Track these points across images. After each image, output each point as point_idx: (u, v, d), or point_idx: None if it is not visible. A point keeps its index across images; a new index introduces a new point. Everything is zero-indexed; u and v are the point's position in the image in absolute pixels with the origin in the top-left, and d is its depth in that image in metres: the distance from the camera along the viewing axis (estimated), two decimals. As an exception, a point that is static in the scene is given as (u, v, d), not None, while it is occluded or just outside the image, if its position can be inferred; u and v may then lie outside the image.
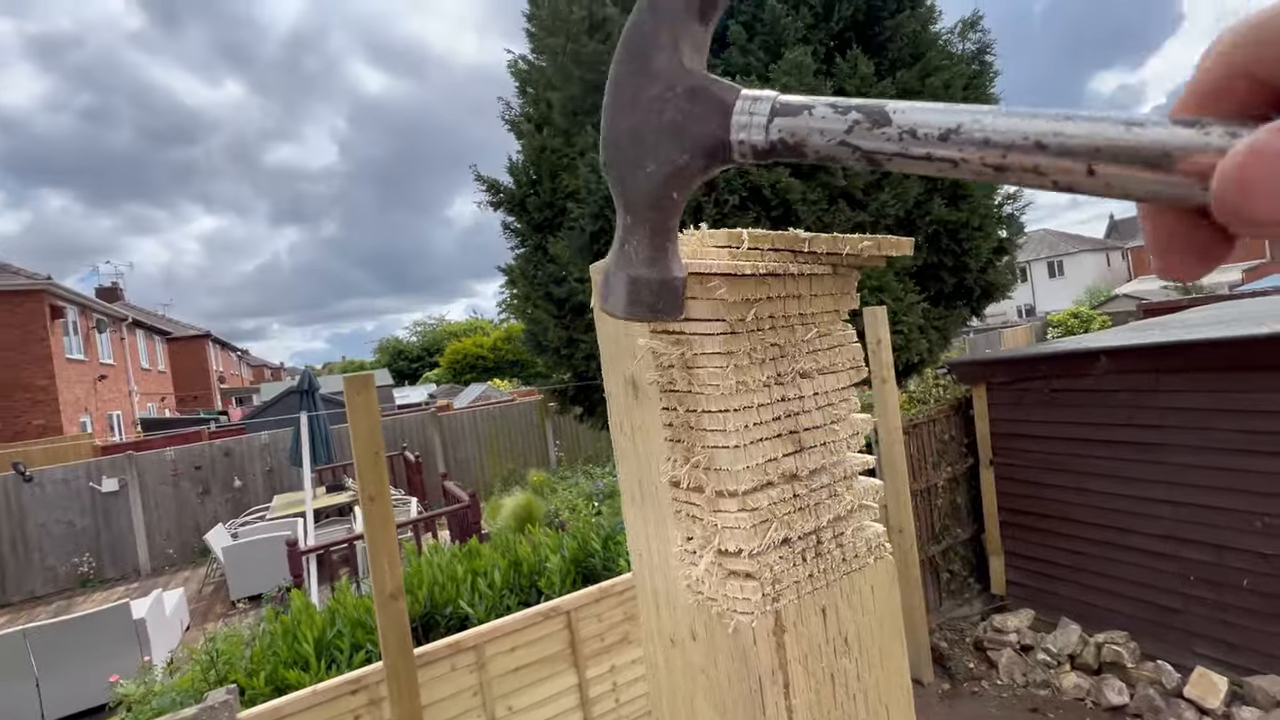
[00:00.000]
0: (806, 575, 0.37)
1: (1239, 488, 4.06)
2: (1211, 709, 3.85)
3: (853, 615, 0.39)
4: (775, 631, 0.35)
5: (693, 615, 0.39)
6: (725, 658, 0.36)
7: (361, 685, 3.23)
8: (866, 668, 0.39)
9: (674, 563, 0.39)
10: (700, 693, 0.38)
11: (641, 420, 0.40)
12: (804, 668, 0.36)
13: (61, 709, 5.48)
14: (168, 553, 10.44)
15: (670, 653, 0.41)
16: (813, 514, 0.38)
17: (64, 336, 17.64)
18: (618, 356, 0.42)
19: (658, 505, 0.40)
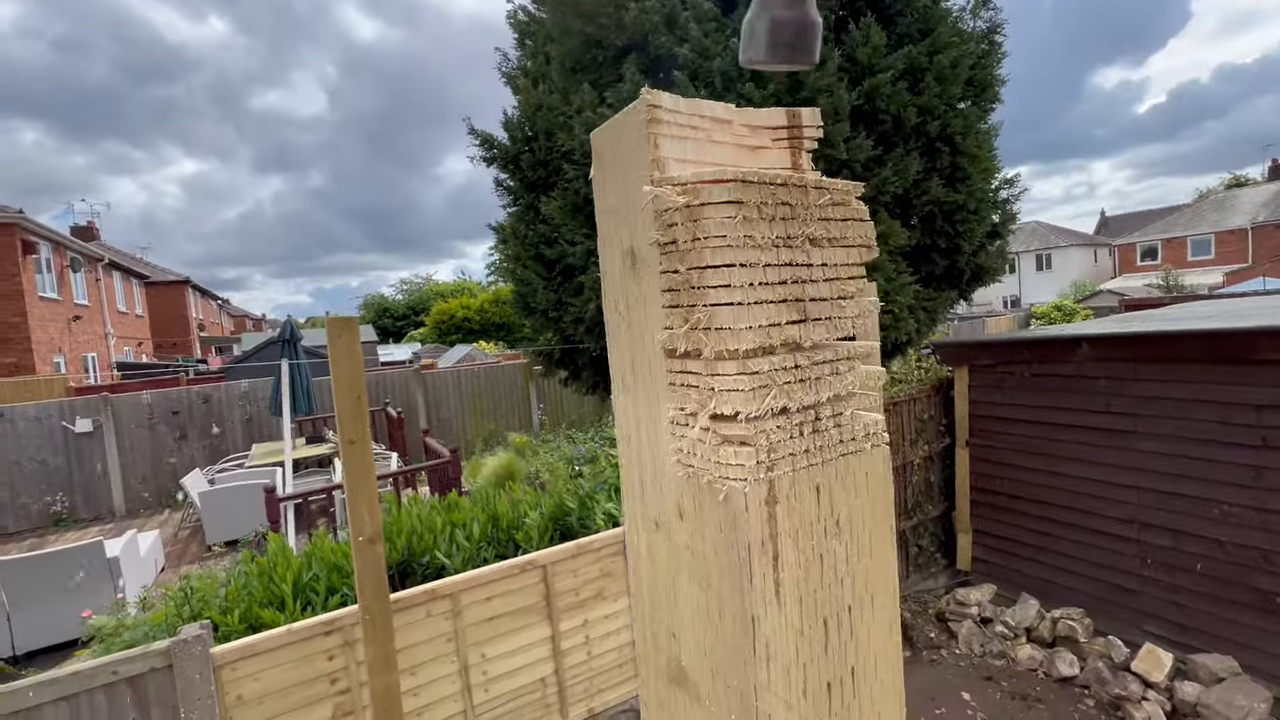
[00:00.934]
0: (802, 450, 0.36)
1: (1203, 476, 4.19)
2: (1156, 682, 4.04)
3: (846, 498, 0.38)
4: (768, 501, 0.34)
5: (680, 491, 0.38)
6: (713, 529, 0.35)
7: (336, 626, 3.26)
8: (856, 553, 0.38)
9: (664, 439, 0.38)
10: (684, 571, 0.38)
11: (639, 292, 0.39)
12: (794, 543, 0.35)
13: (34, 642, 5.48)
14: (143, 496, 10.37)
15: (654, 537, 0.40)
16: (813, 388, 0.37)
17: (36, 274, 17.12)
18: (616, 227, 0.40)
19: (650, 381, 0.38)
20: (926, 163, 6.02)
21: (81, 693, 2.77)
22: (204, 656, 2.94)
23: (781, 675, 0.34)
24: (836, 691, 0.37)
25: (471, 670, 3.67)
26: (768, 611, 0.34)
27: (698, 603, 0.37)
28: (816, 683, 0.36)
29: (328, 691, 3.25)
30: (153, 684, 2.89)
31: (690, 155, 0.37)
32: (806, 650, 0.36)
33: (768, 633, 0.34)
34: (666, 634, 0.40)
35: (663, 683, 0.41)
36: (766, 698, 0.34)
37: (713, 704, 0.36)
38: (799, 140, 0.42)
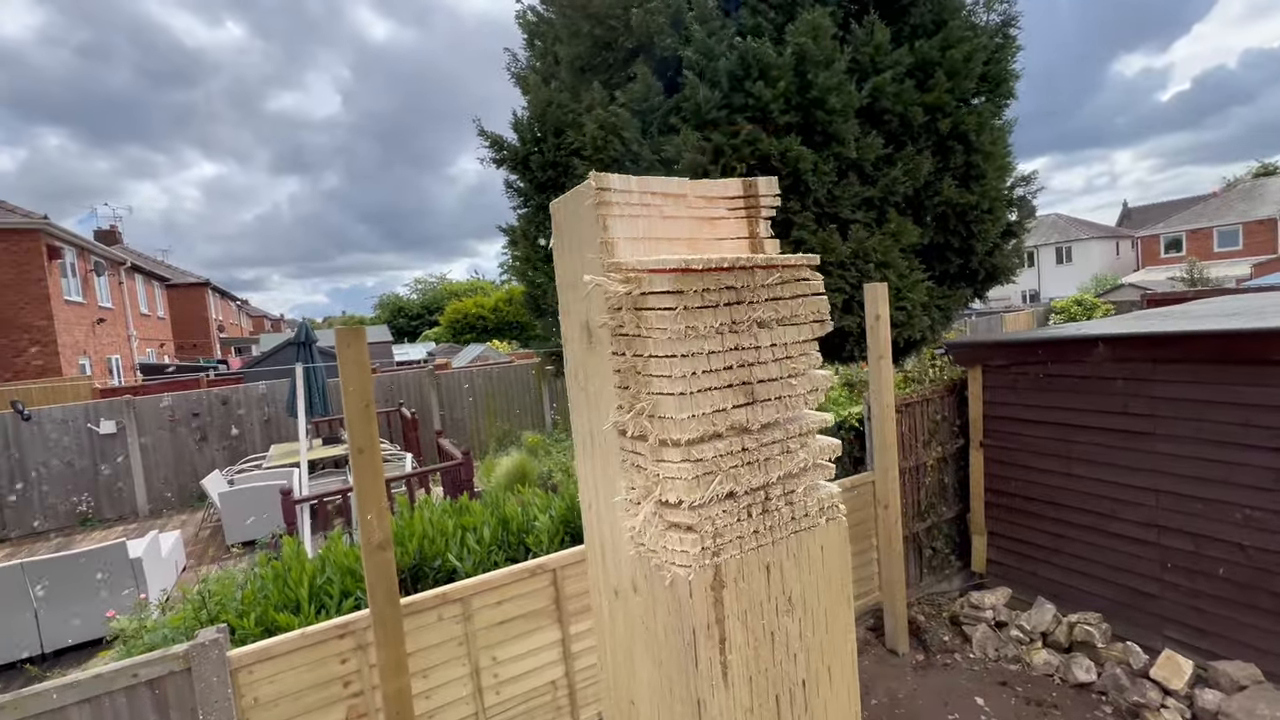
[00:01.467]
0: (751, 531, 0.37)
1: (1224, 479, 4.09)
2: (1175, 690, 3.96)
3: (799, 574, 0.38)
4: (714, 586, 0.34)
5: (634, 566, 0.38)
6: (663, 610, 0.36)
7: (349, 630, 3.31)
8: (810, 628, 0.39)
9: (619, 513, 0.38)
10: (640, 644, 0.38)
11: (595, 367, 0.39)
12: (743, 624, 0.36)
13: (60, 641, 5.63)
14: (166, 496, 10.59)
15: (614, 604, 0.41)
16: (762, 469, 0.37)
17: (61, 278, 17.53)
18: (574, 301, 0.41)
19: (605, 454, 0.39)
20: (939, 162, 5.93)
21: (104, 695, 2.84)
22: (221, 660, 3.00)
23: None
24: (791, 766, 0.37)
25: (483, 673, 3.71)
26: (714, 695, 0.34)
27: (652, 678, 0.37)
28: (769, 759, 0.36)
29: (341, 694, 3.30)
30: (172, 686, 2.96)
31: (642, 233, 0.37)
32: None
33: (714, 715, 0.34)
34: (627, 700, 0.41)
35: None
36: (715, 778, 0.34)
37: (667, 778, 0.36)
38: (755, 209, 0.41)
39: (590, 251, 0.35)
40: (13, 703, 2.70)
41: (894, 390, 4.98)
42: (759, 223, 0.40)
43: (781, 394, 0.37)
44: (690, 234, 0.38)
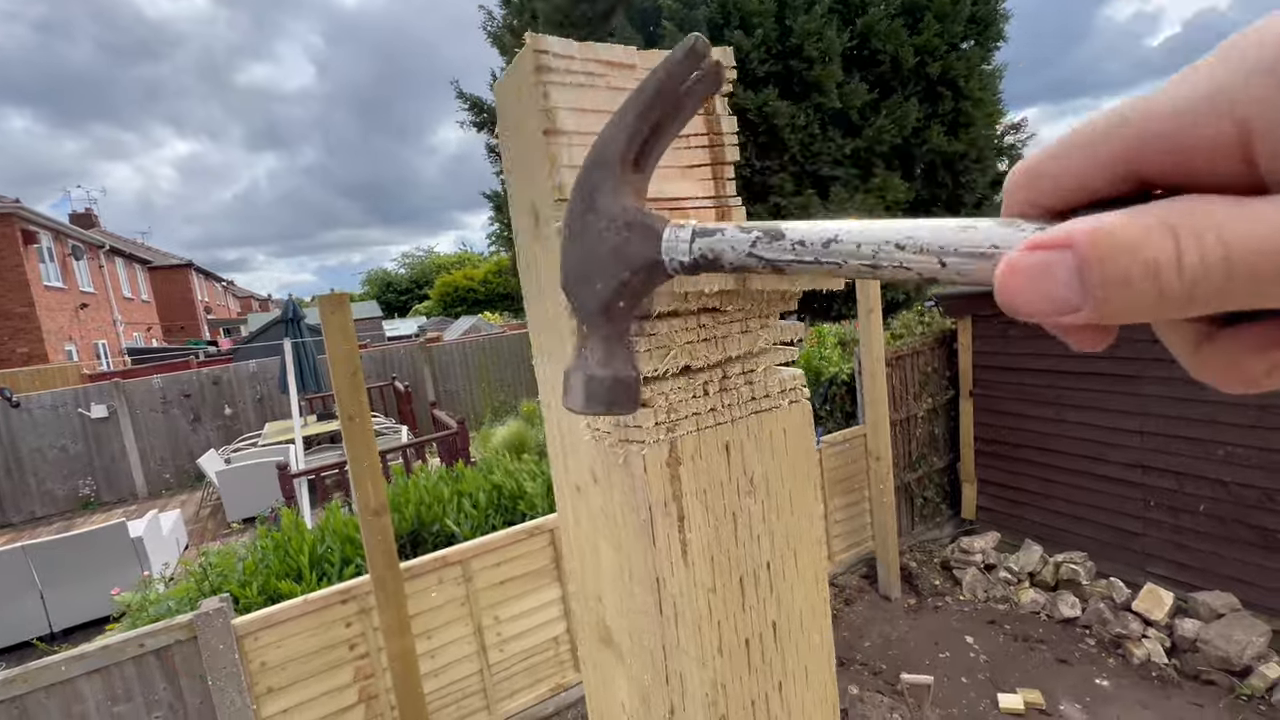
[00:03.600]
0: (708, 409, 0.36)
1: (1208, 419, 4.17)
2: (1156, 620, 4.11)
3: (760, 456, 0.37)
4: (669, 463, 0.34)
5: (592, 456, 0.37)
6: (620, 493, 0.35)
7: (351, 595, 3.37)
8: (774, 511, 0.38)
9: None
10: (601, 535, 0.37)
11: (544, 254, 0.37)
12: (702, 503, 0.35)
13: (68, 620, 5.71)
14: (164, 477, 10.62)
15: (576, 501, 0.40)
16: (719, 346, 0.36)
17: (39, 263, 17.17)
18: (520, 186, 0.39)
19: (559, 345, 0.38)
20: (927, 109, 5.84)
21: (112, 665, 2.89)
22: (226, 628, 3.05)
23: (693, 634, 0.34)
24: (756, 647, 0.37)
25: (486, 632, 3.79)
26: (674, 571, 0.34)
27: (613, 566, 0.36)
28: (733, 639, 0.36)
29: (347, 656, 3.37)
30: (179, 655, 3.01)
31: (587, 104, 0.35)
32: (720, 608, 0.36)
33: (674, 592, 0.34)
34: (594, 596, 0.41)
35: (595, 643, 0.42)
36: (678, 656, 0.34)
37: (633, 663, 0.36)
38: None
39: (530, 124, 0.33)
40: (22, 676, 2.75)
41: (884, 344, 5.00)
42: (714, 99, 0.38)
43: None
44: (640, 108, 0.37)
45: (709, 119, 0.40)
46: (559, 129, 0.34)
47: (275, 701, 3.21)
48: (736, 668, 0.35)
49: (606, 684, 0.41)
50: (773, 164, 5.10)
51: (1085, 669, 4.04)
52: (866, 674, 4.21)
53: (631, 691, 0.37)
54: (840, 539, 5.28)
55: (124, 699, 2.93)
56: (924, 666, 4.20)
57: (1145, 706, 3.69)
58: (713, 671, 0.34)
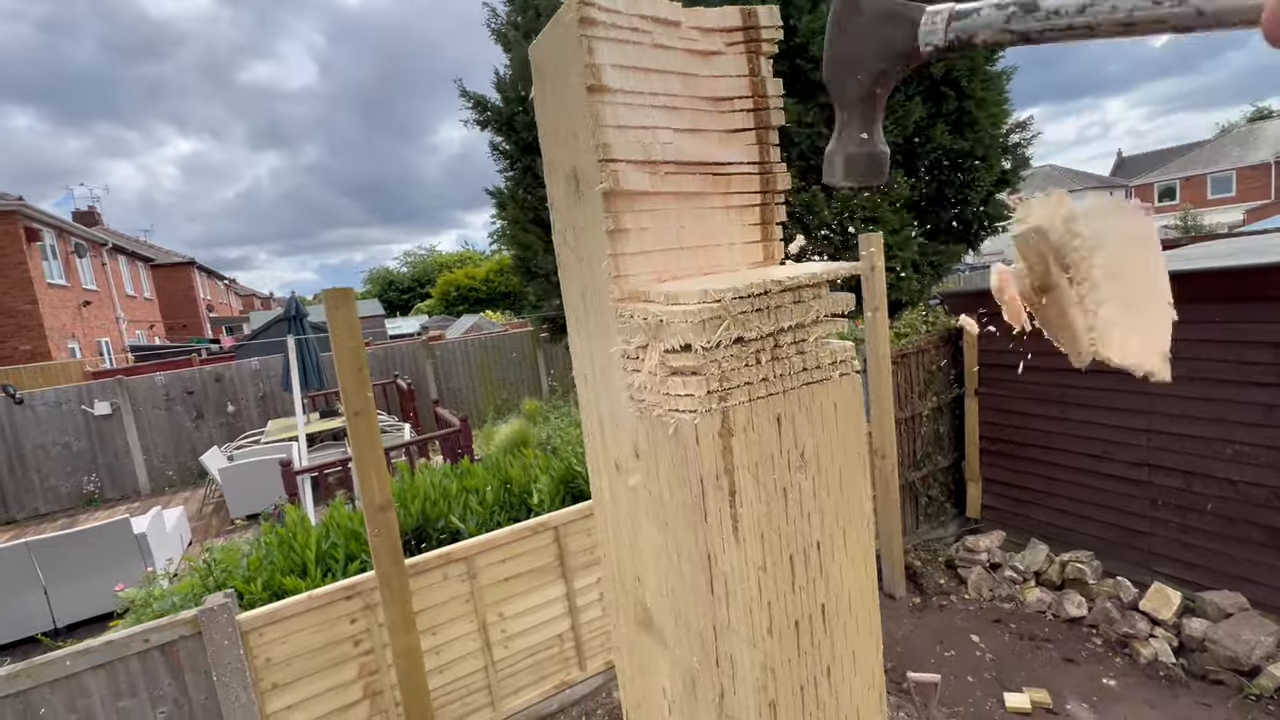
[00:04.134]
0: (760, 378, 0.34)
1: (1216, 417, 4.14)
2: (1164, 620, 4.09)
3: (811, 429, 0.36)
4: (722, 434, 0.32)
5: (634, 430, 0.36)
6: (666, 467, 0.33)
7: (356, 591, 3.36)
8: (824, 488, 0.37)
9: (616, 375, 0.36)
10: (643, 512, 0.36)
11: (585, 217, 0.36)
12: (754, 477, 0.34)
13: (72, 616, 5.71)
14: (167, 474, 10.62)
15: (615, 480, 0.39)
16: (772, 316, 0.34)
17: (42, 260, 17.19)
18: (559, 150, 0.37)
19: (602, 315, 0.36)
20: (931, 108, 5.81)
21: (116, 660, 2.89)
22: (230, 623, 3.04)
23: (743, 614, 0.33)
24: (805, 629, 0.35)
25: (490, 628, 3.78)
26: (725, 548, 0.32)
27: (657, 544, 0.35)
28: (783, 620, 0.35)
29: (352, 652, 3.36)
30: (184, 650, 3.00)
31: (631, 61, 0.33)
32: (771, 588, 0.34)
33: (725, 570, 0.32)
34: (632, 578, 0.39)
35: (632, 627, 0.40)
36: (728, 638, 0.32)
37: (677, 647, 0.35)
38: (756, 44, 0.38)
39: (574, 82, 0.32)
40: (26, 670, 2.74)
41: (889, 342, 4.98)
42: (759, 59, 0.37)
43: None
44: (683, 68, 0.35)
45: (754, 80, 0.39)
46: (604, 85, 0.32)
47: (280, 697, 3.20)
48: (786, 650, 0.34)
49: (645, 670, 0.39)
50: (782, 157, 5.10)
51: (1092, 668, 4.02)
52: (872, 673, 4.20)
53: (674, 675, 0.36)
54: (845, 537, 5.26)
55: (129, 694, 2.92)
56: (929, 665, 4.18)
57: (1153, 706, 3.67)
58: (763, 654, 0.33)
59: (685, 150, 0.35)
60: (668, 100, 0.34)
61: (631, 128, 0.33)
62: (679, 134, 0.35)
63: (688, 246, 0.37)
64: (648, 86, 0.33)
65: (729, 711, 0.33)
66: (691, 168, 0.36)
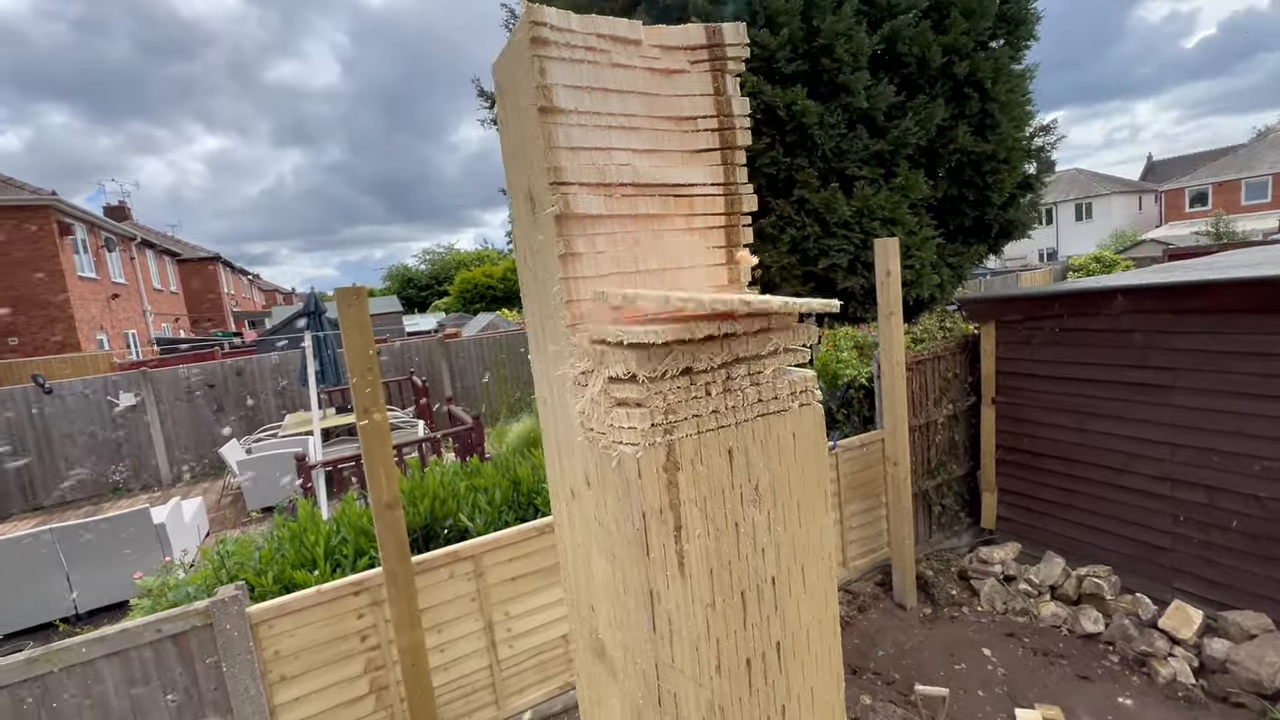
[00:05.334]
0: (710, 410, 0.33)
1: (1243, 431, 4.02)
2: (1184, 639, 3.97)
3: (766, 462, 0.35)
4: (666, 467, 0.31)
5: (586, 458, 0.35)
6: (613, 499, 0.33)
7: (364, 587, 3.39)
8: (781, 521, 0.35)
9: (569, 400, 0.35)
10: (594, 542, 0.35)
11: (541, 242, 0.35)
12: (702, 511, 0.33)
13: (93, 602, 5.85)
14: (188, 465, 10.84)
15: (570, 506, 0.38)
16: (724, 346, 0.33)
17: (74, 254, 17.65)
18: (517, 170, 0.37)
19: (555, 337, 0.35)
20: (953, 109, 5.71)
21: (130, 648, 2.95)
22: (240, 615, 3.09)
23: (689, 652, 0.32)
24: (758, 667, 0.34)
25: (496, 627, 3.79)
26: (669, 585, 0.31)
27: (606, 576, 0.34)
28: (733, 658, 0.34)
29: (359, 648, 3.40)
30: (195, 640, 3.06)
31: (587, 81, 0.33)
32: (720, 625, 0.33)
33: (669, 607, 0.31)
34: (587, 606, 0.38)
35: (588, 655, 0.40)
36: (671, 676, 0.31)
37: (626, 681, 0.34)
38: (721, 61, 0.37)
39: (525, 102, 0.31)
40: (44, 656, 2.81)
41: (904, 348, 4.90)
42: (725, 78, 0.36)
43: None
44: (644, 88, 0.34)
45: (719, 99, 0.38)
46: (556, 107, 0.32)
47: (288, 690, 3.24)
48: (737, 689, 0.33)
49: (601, 700, 0.39)
50: (800, 161, 5.03)
51: (1107, 686, 3.93)
52: (879, 683, 4.14)
53: (625, 710, 0.35)
54: (855, 545, 5.19)
55: (141, 681, 2.98)
56: (939, 678, 4.11)
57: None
58: (710, 693, 0.32)
59: (644, 172, 0.34)
60: (626, 120, 0.33)
61: (586, 149, 0.32)
62: (638, 155, 0.34)
63: (647, 270, 0.36)
64: (604, 107, 0.33)
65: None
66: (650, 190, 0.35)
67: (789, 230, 5.18)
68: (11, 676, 2.76)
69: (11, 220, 16.10)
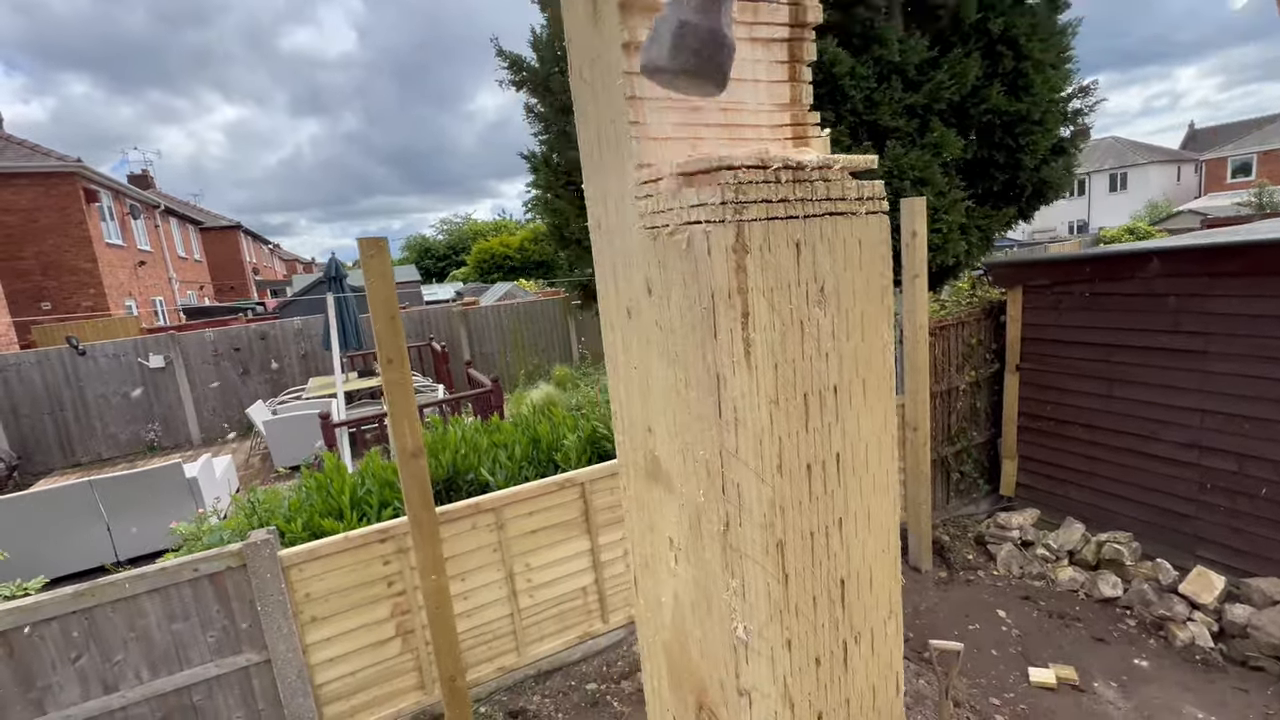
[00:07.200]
0: (779, 198, 0.32)
1: (1277, 397, 3.91)
2: (1204, 604, 3.95)
3: (832, 263, 0.34)
4: (736, 249, 0.31)
5: (647, 262, 0.35)
6: (678, 291, 0.32)
7: (390, 535, 3.49)
8: (844, 330, 0.35)
9: (629, 208, 0.35)
10: (654, 351, 0.35)
11: (600, 43, 0.34)
12: (769, 303, 0.32)
13: (132, 550, 6.11)
14: (218, 425, 11.16)
15: (627, 327, 0.38)
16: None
17: (100, 221, 17.94)
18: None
19: (617, 144, 0.35)
20: (987, 66, 5.50)
21: (170, 586, 3.08)
22: (273, 558, 3.20)
23: (752, 444, 0.32)
24: (818, 474, 0.34)
25: (517, 578, 3.90)
26: (735, 371, 0.31)
27: (666, 383, 0.34)
28: (794, 461, 0.33)
29: (386, 592, 3.52)
30: (231, 581, 3.19)
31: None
32: (783, 423, 0.33)
33: (735, 395, 0.31)
34: (643, 429, 0.39)
35: (640, 480, 0.40)
36: (735, 466, 0.31)
37: (684, 486, 0.34)
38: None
39: None
40: (90, 590, 2.95)
41: (928, 312, 4.82)
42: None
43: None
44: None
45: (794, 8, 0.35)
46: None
47: (319, 630, 3.38)
48: (797, 492, 0.33)
49: (653, 525, 0.39)
50: (829, 115, 4.90)
51: (1124, 648, 3.93)
52: (893, 641, 4.19)
53: (681, 519, 0.35)
54: (872, 509, 5.21)
55: (181, 618, 3.12)
56: (952, 637, 4.15)
57: (1186, 688, 3.58)
58: (771, 490, 0.32)
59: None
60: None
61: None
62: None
63: (710, 77, 0.35)
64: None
65: (734, 543, 0.32)
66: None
67: (814, 190, 5.08)
68: (60, 609, 2.90)
69: (39, 187, 16.37)
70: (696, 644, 0.38)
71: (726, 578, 0.32)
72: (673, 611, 0.39)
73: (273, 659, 3.26)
